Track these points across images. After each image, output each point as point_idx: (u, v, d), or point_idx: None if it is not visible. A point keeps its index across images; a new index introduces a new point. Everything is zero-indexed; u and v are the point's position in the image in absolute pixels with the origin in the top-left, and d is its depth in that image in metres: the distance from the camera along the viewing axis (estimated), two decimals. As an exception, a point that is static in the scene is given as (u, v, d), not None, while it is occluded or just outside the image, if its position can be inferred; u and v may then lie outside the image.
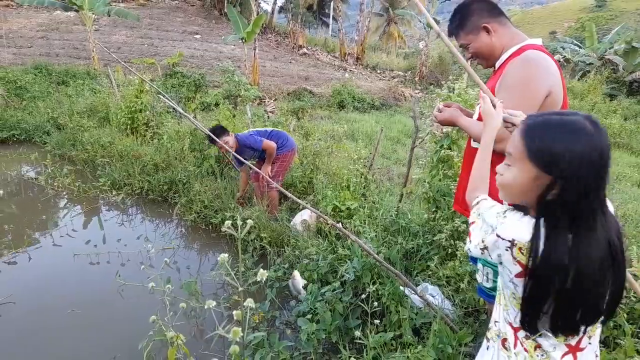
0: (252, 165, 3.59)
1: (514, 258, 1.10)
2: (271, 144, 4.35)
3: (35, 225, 4.61)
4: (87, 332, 2.99)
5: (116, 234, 4.37)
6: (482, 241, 1.18)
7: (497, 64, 1.93)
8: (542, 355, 1.14)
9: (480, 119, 1.95)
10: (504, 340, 1.22)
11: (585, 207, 1.02)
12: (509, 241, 1.10)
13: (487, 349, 1.33)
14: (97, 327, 3.07)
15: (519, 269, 1.10)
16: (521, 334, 1.17)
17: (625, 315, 2.18)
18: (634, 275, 2.11)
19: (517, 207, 1.17)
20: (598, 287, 1.04)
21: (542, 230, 1.05)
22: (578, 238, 1.03)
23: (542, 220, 1.06)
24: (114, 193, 5.29)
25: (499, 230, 1.12)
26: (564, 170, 1.01)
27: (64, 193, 5.35)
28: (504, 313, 1.22)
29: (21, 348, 2.80)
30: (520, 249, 1.08)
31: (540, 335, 1.13)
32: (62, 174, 5.48)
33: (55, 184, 5.45)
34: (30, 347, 2.81)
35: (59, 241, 4.25)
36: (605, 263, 1.03)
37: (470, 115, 2.18)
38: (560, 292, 1.04)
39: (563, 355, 1.14)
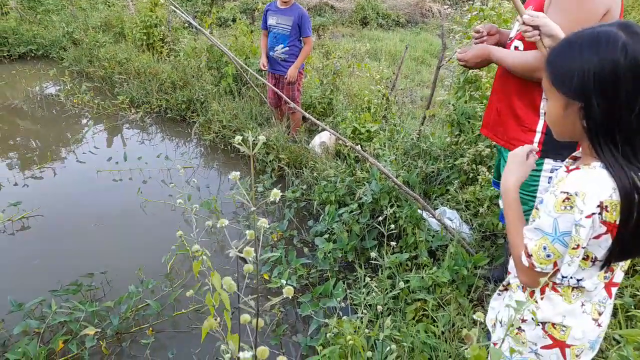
0: (271, 85, 3.47)
1: (602, 222, 0.95)
2: (312, 44, 4.07)
3: (58, 142, 4.68)
4: (112, 244, 3.13)
5: (137, 151, 4.41)
6: (579, 246, 0.96)
7: None
8: (579, 294, 1.09)
9: (519, 37, 1.78)
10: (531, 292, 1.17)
11: (624, 127, 0.91)
12: (598, 206, 0.93)
13: (503, 298, 1.32)
14: (121, 239, 3.20)
15: (602, 230, 0.96)
16: (557, 279, 1.09)
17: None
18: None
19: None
20: None
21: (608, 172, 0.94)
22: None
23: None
24: (132, 111, 5.27)
25: (584, 210, 0.93)
26: (583, 88, 0.92)
27: (84, 110, 5.36)
28: None
29: (51, 258, 2.96)
30: (606, 207, 0.93)
31: (582, 279, 1.06)
32: (81, 91, 5.45)
33: (74, 100, 5.44)
34: (59, 257, 2.97)
35: (82, 158, 4.33)
36: None
37: (506, 36, 1.98)
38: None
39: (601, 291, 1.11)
